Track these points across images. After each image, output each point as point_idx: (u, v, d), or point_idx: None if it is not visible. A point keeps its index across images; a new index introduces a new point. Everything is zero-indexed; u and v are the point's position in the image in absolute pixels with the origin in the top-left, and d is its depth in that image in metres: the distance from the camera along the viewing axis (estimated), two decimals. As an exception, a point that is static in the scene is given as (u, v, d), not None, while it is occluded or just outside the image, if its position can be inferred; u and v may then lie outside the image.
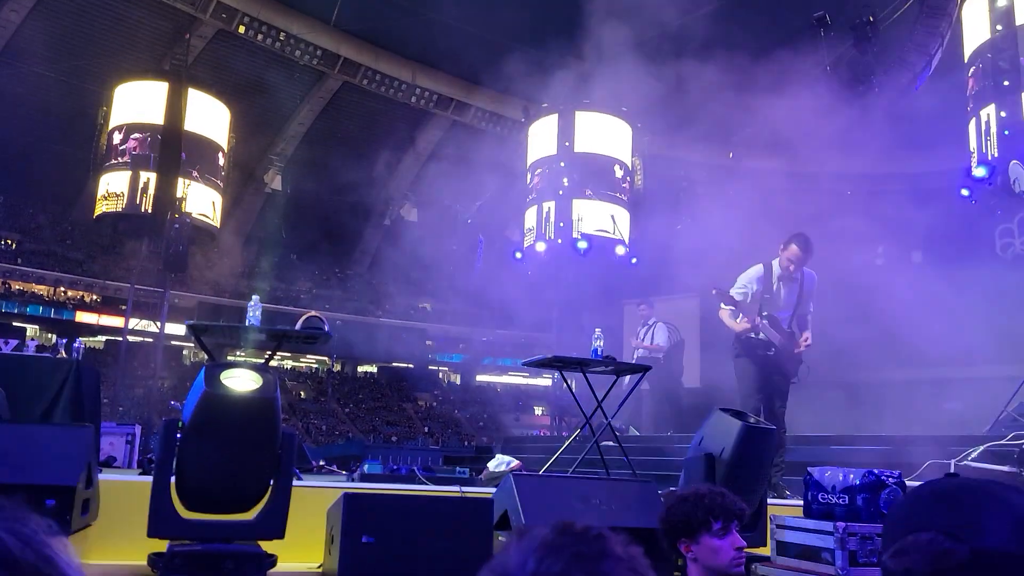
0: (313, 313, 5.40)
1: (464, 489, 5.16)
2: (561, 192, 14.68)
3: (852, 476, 3.62)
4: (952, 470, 5.25)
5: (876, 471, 3.59)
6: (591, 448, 6.23)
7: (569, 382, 6.70)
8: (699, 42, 10.91)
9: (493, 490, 4.34)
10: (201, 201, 16.12)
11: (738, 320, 5.66)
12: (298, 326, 5.29)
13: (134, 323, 22.49)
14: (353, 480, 5.87)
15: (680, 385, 10.68)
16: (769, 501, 4.51)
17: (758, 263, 5.83)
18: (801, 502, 4.00)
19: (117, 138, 15.76)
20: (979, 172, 9.50)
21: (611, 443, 7.28)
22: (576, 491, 4.06)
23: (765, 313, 5.62)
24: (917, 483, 1.84)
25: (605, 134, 15.13)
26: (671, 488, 4.73)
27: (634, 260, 13.72)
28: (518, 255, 15.24)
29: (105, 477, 4.10)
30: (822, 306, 5.96)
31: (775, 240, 5.88)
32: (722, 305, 5.71)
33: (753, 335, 5.64)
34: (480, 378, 41.41)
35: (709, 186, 11.54)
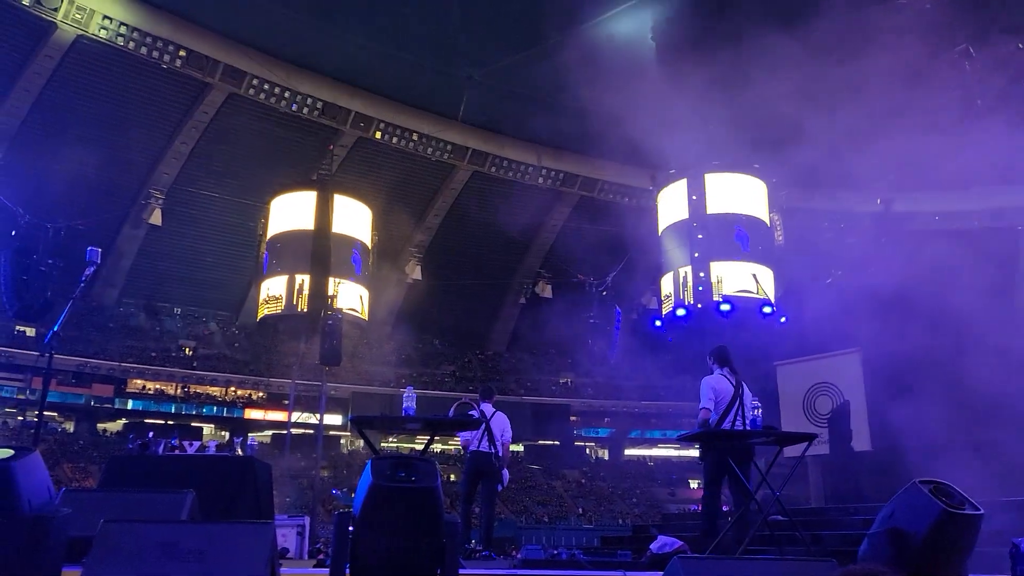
0: (464, 399, 5.51)
1: (628, 574, 4.98)
2: (697, 255, 14.39)
3: (1071, 548, 3.18)
4: None
5: (1101, 541, 3.15)
6: (759, 525, 5.86)
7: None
8: (832, 87, 10.56)
9: (659, 574, 4.15)
10: (350, 297, 17.04)
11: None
12: (450, 413, 5.41)
13: (296, 416, 23.84)
14: (514, 566, 5.81)
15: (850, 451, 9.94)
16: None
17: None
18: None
19: (274, 246, 17.08)
20: None
21: (780, 517, 6.82)
22: (751, 574, 3.82)
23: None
24: None
25: (738, 193, 14.79)
26: (851, 566, 4.33)
27: (783, 319, 13.10)
28: (657, 323, 14.96)
29: (284, 571, 4.28)
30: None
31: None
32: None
33: None
34: (629, 452, 40.34)
35: (858, 236, 10.93)
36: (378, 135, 28.99)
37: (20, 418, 29.59)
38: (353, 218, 17.60)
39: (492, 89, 26.13)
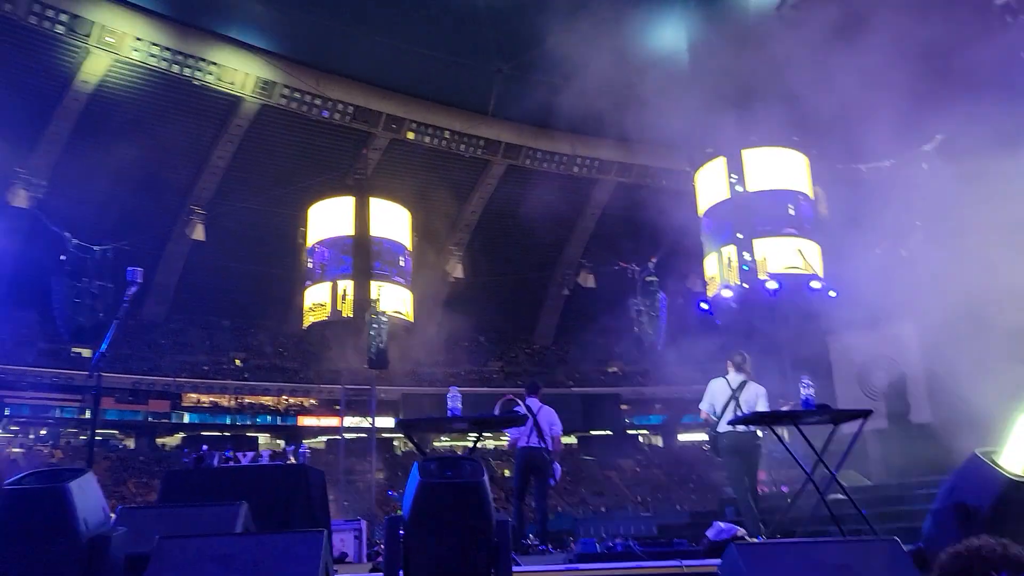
0: (508, 396, 5.47)
1: (684, 563, 4.88)
2: (740, 235, 14.13)
3: None
4: None
5: None
6: (818, 505, 5.72)
7: (781, 433, 6.26)
8: (867, 37, 10.14)
9: (716, 562, 4.06)
10: (394, 300, 17.17)
11: None
12: (496, 410, 5.37)
13: (348, 421, 24.13)
14: (570, 560, 5.75)
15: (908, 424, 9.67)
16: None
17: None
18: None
19: (315, 253, 17.29)
20: None
21: (840, 496, 6.65)
22: (811, 557, 3.70)
23: None
24: None
25: (778, 168, 14.48)
26: (918, 544, 4.18)
27: (832, 293, 12.77)
28: (704, 305, 14.75)
29: (339, 577, 4.29)
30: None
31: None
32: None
33: None
34: (683, 438, 39.93)
35: (905, 202, 10.55)
36: (410, 136, 29.13)
37: (82, 437, 30.56)
38: (391, 221, 17.71)
39: (521, 81, 26.02)
